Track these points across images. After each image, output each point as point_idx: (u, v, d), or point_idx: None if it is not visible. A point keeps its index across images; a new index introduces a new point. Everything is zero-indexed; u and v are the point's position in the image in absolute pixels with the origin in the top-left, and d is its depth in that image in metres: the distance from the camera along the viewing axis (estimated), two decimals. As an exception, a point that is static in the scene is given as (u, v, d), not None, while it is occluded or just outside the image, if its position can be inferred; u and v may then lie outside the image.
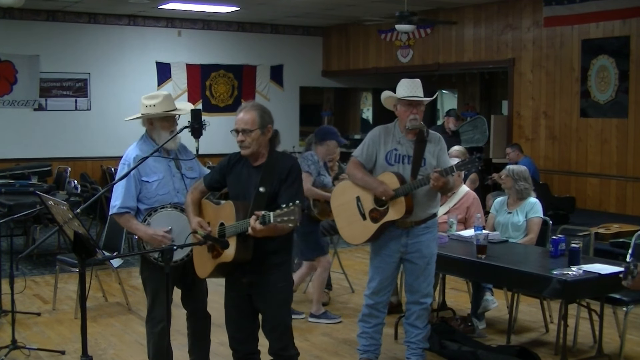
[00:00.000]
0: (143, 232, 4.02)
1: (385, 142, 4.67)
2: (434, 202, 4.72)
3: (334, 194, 4.95)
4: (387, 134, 4.70)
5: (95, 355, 5.12)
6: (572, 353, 5.31)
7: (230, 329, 4.00)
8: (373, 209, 4.61)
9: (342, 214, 4.80)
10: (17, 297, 5.73)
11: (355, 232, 4.75)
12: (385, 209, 4.57)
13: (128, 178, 4.03)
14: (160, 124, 4.16)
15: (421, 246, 4.68)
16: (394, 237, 4.65)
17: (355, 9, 11.44)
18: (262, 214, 3.46)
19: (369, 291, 4.81)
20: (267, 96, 13.52)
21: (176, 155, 4.21)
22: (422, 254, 4.68)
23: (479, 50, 11.05)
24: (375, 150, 4.68)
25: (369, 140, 4.72)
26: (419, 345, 4.79)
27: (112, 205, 4.11)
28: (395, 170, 4.60)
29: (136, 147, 4.18)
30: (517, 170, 5.81)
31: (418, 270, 4.70)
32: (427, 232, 4.69)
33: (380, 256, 4.73)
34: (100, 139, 12.09)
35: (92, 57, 12.03)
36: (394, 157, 4.64)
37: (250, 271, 3.78)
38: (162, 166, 4.15)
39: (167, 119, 4.17)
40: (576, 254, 4.72)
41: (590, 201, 9.58)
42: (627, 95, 9.03)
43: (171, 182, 4.15)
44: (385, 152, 4.65)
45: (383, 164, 4.65)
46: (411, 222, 4.63)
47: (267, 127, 3.80)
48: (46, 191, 8.22)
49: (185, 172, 4.21)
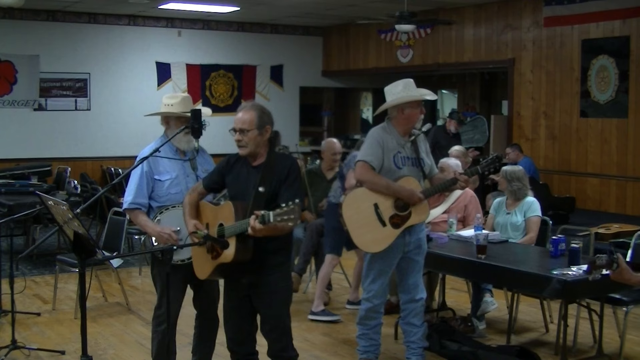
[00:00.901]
0: (151, 229, 4.10)
1: (389, 144, 4.61)
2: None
3: (345, 203, 4.62)
4: (386, 135, 4.64)
5: (95, 355, 5.12)
6: (572, 353, 5.31)
7: (228, 330, 3.99)
8: (394, 214, 4.55)
9: (358, 222, 4.56)
10: (17, 297, 5.73)
11: (375, 239, 4.56)
12: (408, 213, 4.55)
13: (141, 175, 4.15)
14: (175, 124, 4.26)
15: (421, 242, 4.73)
16: (398, 237, 4.63)
17: (355, 9, 11.44)
18: (261, 213, 3.44)
19: (370, 294, 4.75)
20: (267, 96, 13.52)
21: (193, 156, 4.29)
22: (421, 250, 4.74)
23: (479, 50, 11.05)
24: (382, 152, 4.58)
25: (375, 143, 4.59)
26: (419, 345, 4.80)
27: (124, 200, 4.25)
28: (405, 173, 4.59)
29: (153, 146, 4.23)
30: (510, 171, 5.80)
31: (417, 266, 4.73)
32: (421, 230, 4.75)
33: (385, 260, 4.66)
34: (100, 139, 12.09)
35: (92, 57, 12.03)
36: (400, 160, 4.60)
37: (250, 272, 3.78)
38: (176, 166, 4.23)
39: (181, 119, 4.24)
40: (576, 254, 4.72)
41: (590, 201, 9.58)
42: (627, 95, 9.03)
43: (184, 182, 4.22)
44: (392, 155, 4.59)
45: (391, 167, 4.57)
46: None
47: (265, 128, 3.80)
48: (46, 191, 8.22)
49: (201, 174, 4.26)
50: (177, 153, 4.25)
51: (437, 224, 5.90)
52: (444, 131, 10.22)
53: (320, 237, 6.70)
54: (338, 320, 6.14)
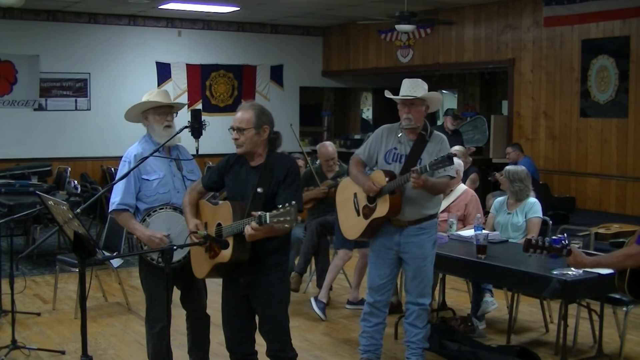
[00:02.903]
0: (141, 233, 4.03)
1: (387, 141, 4.73)
2: (431, 204, 4.68)
3: (338, 190, 5.07)
4: (390, 133, 4.75)
5: (95, 355, 5.12)
6: (572, 353, 5.31)
7: (227, 330, 3.99)
8: (365, 205, 4.69)
9: (343, 209, 4.93)
10: (17, 297, 5.73)
11: (351, 227, 4.85)
12: (374, 205, 4.63)
13: (128, 176, 4.05)
14: (153, 117, 4.19)
15: (413, 247, 4.65)
16: (387, 234, 4.70)
17: (355, 9, 11.44)
18: (258, 214, 3.44)
19: (368, 288, 4.87)
20: (267, 96, 13.52)
21: (177, 156, 4.25)
22: (413, 255, 4.66)
23: (479, 50, 11.05)
24: (376, 149, 4.75)
25: (372, 139, 4.81)
26: (418, 345, 4.78)
27: (111, 201, 4.13)
28: (392, 169, 4.63)
29: (137, 146, 4.22)
30: (513, 171, 5.78)
31: (411, 270, 4.71)
32: (421, 233, 4.65)
33: (375, 252, 4.80)
34: (100, 139, 12.08)
35: (92, 57, 12.02)
36: (392, 156, 4.69)
37: (248, 271, 3.78)
38: (163, 165, 4.17)
39: (158, 111, 4.18)
40: (576, 254, 4.72)
41: (590, 201, 9.58)
42: (627, 95, 9.02)
43: (172, 182, 4.17)
44: (385, 151, 4.71)
45: (382, 162, 4.71)
46: (405, 222, 4.64)
47: (262, 128, 3.79)
48: (46, 191, 8.22)
49: (187, 174, 4.24)
50: (163, 151, 4.17)
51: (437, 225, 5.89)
52: (442, 131, 10.20)
53: (320, 237, 6.71)
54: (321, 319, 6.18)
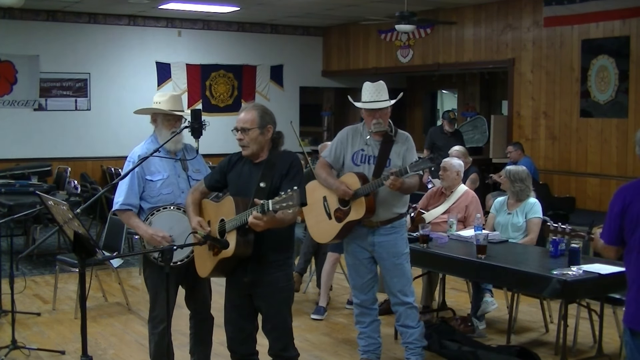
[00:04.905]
0: (143, 231, 4.05)
1: (353, 142, 4.74)
2: (400, 203, 4.74)
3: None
4: (355, 134, 4.76)
5: (95, 355, 5.12)
6: (572, 353, 5.31)
7: (229, 329, 3.99)
8: (337, 208, 4.67)
9: (311, 212, 4.87)
10: (17, 297, 5.73)
11: (322, 231, 4.82)
12: (348, 209, 4.62)
13: (132, 176, 4.09)
14: (162, 122, 4.23)
15: (387, 245, 4.71)
16: (360, 235, 4.72)
17: (355, 9, 11.44)
18: (261, 202, 3.47)
19: (352, 289, 4.94)
20: (267, 96, 13.52)
21: (183, 156, 4.27)
22: (389, 253, 4.71)
23: (479, 50, 11.05)
24: (342, 150, 4.75)
25: (337, 141, 4.80)
26: (416, 345, 4.80)
27: (115, 201, 4.17)
28: (360, 170, 4.64)
29: (143, 146, 4.23)
30: (514, 172, 5.79)
31: (397, 270, 4.73)
32: (393, 232, 4.72)
33: (350, 254, 4.83)
34: (100, 139, 12.09)
35: (92, 57, 12.03)
36: (360, 158, 4.70)
37: (251, 270, 3.78)
38: (167, 165, 4.20)
39: (168, 117, 4.22)
40: (576, 254, 4.73)
41: (590, 201, 9.58)
42: (627, 95, 9.03)
43: (176, 182, 4.19)
44: (352, 153, 4.72)
45: (349, 164, 4.71)
46: (377, 222, 4.67)
47: (266, 127, 3.80)
48: (46, 191, 8.22)
49: (192, 174, 4.26)
50: (168, 152, 4.20)
51: (437, 224, 5.90)
52: (440, 131, 10.23)
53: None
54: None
